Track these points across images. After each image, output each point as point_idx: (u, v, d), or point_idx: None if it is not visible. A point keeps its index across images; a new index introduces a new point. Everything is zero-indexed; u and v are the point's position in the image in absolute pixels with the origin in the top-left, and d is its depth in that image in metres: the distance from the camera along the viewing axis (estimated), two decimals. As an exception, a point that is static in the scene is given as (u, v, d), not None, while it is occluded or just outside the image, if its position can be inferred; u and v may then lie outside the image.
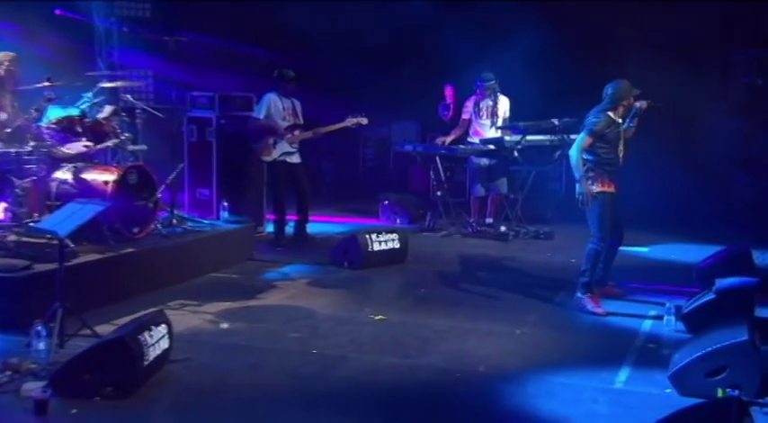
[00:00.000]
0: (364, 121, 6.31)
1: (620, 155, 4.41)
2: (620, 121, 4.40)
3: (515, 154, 6.61)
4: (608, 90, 4.36)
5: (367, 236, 5.50)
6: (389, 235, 5.60)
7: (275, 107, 6.17)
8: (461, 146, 6.99)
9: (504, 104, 6.95)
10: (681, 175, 8.00)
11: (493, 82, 6.86)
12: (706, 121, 8.38)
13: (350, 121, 6.24)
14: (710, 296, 3.95)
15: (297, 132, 6.28)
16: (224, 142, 6.39)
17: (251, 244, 5.76)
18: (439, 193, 7.09)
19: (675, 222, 7.27)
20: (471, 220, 7.04)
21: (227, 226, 5.62)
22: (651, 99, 4.53)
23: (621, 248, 4.75)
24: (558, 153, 6.58)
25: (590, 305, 4.35)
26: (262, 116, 6.16)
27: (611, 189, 4.38)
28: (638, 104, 4.47)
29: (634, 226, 7.03)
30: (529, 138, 6.59)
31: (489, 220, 7.04)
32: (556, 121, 6.51)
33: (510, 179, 6.95)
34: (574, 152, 4.30)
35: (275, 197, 6.26)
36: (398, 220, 7.60)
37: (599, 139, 4.31)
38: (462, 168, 7.91)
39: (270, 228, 6.52)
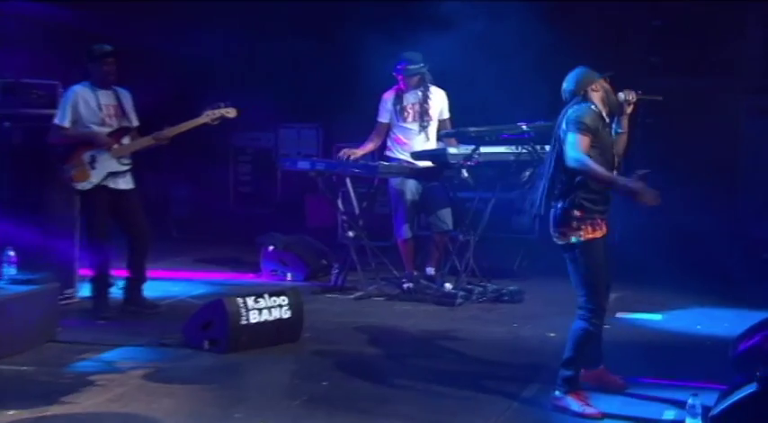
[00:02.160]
0: (231, 113, 6.27)
1: (614, 174, 4.47)
2: (608, 119, 4.55)
3: (464, 174, 6.70)
4: (567, 85, 4.47)
5: (240, 301, 5.38)
6: (275, 299, 5.51)
7: (86, 106, 6.04)
8: (382, 162, 7.05)
9: (438, 100, 7.09)
10: (701, 206, 8.42)
11: (421, 66, 6.99)
12: (741, 127, 8.98)
13: (208, 116, 6.20)
14: (752, 388, 3.94)
15: (126, 140, 6.14)
16: (11, 158, 6.18)
17: (53, 316, 5.58)
18: (351, 234, 7.10)
19: (698, 275, 7.57)
20: (402, 273, 7.10)
21: (13, 289, 5.42)
22: (644, 91, 4.70)
23: (625, 316, 4.82)
24: (527, 173, 6.73)
25: (575, 404, 4.32)
26: (66, 123, 6.01)
27: (604, 231, 4.39)
28: (622, 95, 4.63)
29: (640, 282, 7.37)
30: (484, 150, 6.71)
31: (430, 272, 7.09)
32: (524, 126, 6.66)
33: (457, 211, 7.05)
34: (575, 154, 4.26)
35: (94, 242, 6.09)
36: (289, 276, 7.61)
37: (592, 143, 4.36)
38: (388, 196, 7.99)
39: (85, 290, 6.36)
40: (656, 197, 4.19)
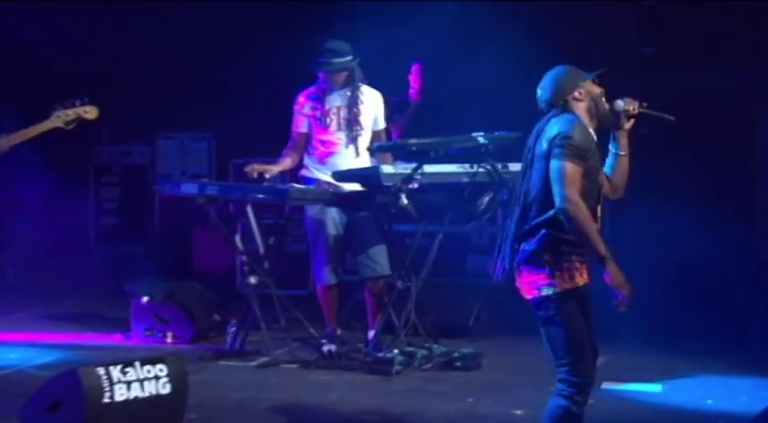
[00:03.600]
0: (91, 113, 6.30)
1: (598, 209, 4.45)
2: (596, 138, 4.56)
3: (403, 200, 6.71)
4: (543, 92, 4.47)
5: (101, 372, 5.28)
6: (150, 368, 5.42)
7: None
8: (294, 185, 7.04)
9: (372, 104, 7.15)
10: (711, 241, 8.59)
11: (349, 60, 7.04)
12: (759, 138, 9.25)
13: (60, 118, 6.21)
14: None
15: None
16: None
17: None
18: (253, 281, 7.06)
19: (708, 332, 7.66)
20: (322, 331, 7.10)
21: None
22: (649, 103, 4.72)
23: (614, 387, 4.86)
24: (486, 199, 6.78)
25: None
26: None
27: (586, 278, 4.34)
28: (620, 104, 4.61)
29: (633, 342, 7.40)
30: (429, 169, 6.75)
31: (371, 336, 7.10)
32: (481, 139, 6.73)
33: (394, 250, 7.08)
34: (569, 193, 4.22)
35: None
36: (170, 337, 7.57)
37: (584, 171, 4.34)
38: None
39: None
40: (628, 291, 4.27)
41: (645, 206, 8.92)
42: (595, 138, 4.44)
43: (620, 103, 4.50)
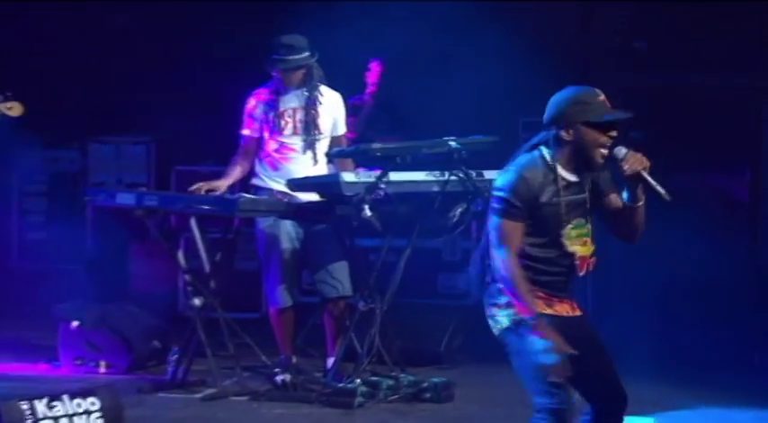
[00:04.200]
0: (14, 109, 6.38)
1: (575, 256, 4.51)
2: (577, 178, 4.51)
3: (366, 212, 6.71)
4: (547, 106, 4.50)
5: (24, 406, 5.27)
6: (80, 402, 5.42)
7: None
8: (244, 195, 7.03)
9: (331, 106, 7.18)
10: (709, 256, 8.68)
11: (307, 56, 7.05)
12: (763, 142, 9.36)
13: None
14: None
15: None
16: None
17: None
18: (198, 302, 7.05)
19: (705, 360, 7.73)
20: (276, 359, 7.11)
21: None
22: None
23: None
24: (458, 210, 6.80)
25: None
26: None
27: (557, 308, 4.51)
28: (621, 152, 4.53)
29: (623, 370, 7.43)
30: (396, 177, 6.77)
31: (330, 364, 7.11)
32: (453, 143, 6.75)
33: (357, 267, 7.10)
34: (500, 252, 4.41)
35: None
36: (104, 366, 7.55)
37: (527, 223, 4.45)
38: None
39: None
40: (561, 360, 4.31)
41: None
42: (574, 179, 4.48)
43: (620, 152, 4.45)
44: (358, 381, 6.74)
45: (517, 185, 4.40)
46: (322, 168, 7.11)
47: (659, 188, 4.44)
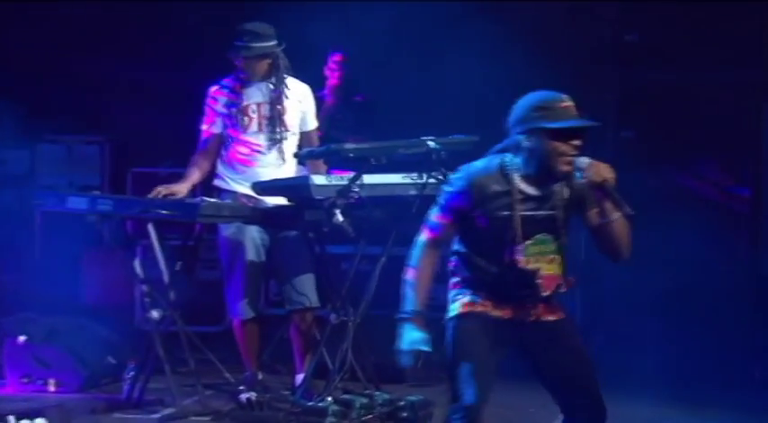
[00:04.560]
0: None
1: (537, 274, 4.58)
2: (538, 191, 4.54)
3: (338, 217, 6.69)
4: (512, 110, 4.61)
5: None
6: (26, 423, 5.37)
7: None
8: (206, 199, 6.97)
9: (299, 100, 7.18)
10: (708, 264, 8.71)
11: (273, 45, 7.02)
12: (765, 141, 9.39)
13: None
14: None
15: None
16: None
17: None
18: (156, 315, 7.01)
19: (703, 375, 7.82)
20: (240, 376, 7.10)
21: None
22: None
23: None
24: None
25: None
26: None
27: (503, 312, 4.63)
28: (583, 162, 4.46)
29: (614, 386, 7.40)
30: (370, 179, 6.75)
31: (299, 381, 7.09)
32: (432, 143, 6.72)
33: (327, 277, 7.10)
34: (419, 238, 4.69)
35: None
36: (53, 384, 7.51)
37: (463, 229, 4.62)
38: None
39: None
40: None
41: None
42: (531, 193, 4.53)
43: (582, 163, 4.48)
44: (329, 399, 6.69)
45: (463, 190, 4.56)
46: (290, 169, 7.08)
47: (621, 202, 4.48)
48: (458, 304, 4.69)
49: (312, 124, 7.21)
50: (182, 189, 6.99)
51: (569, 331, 4.70)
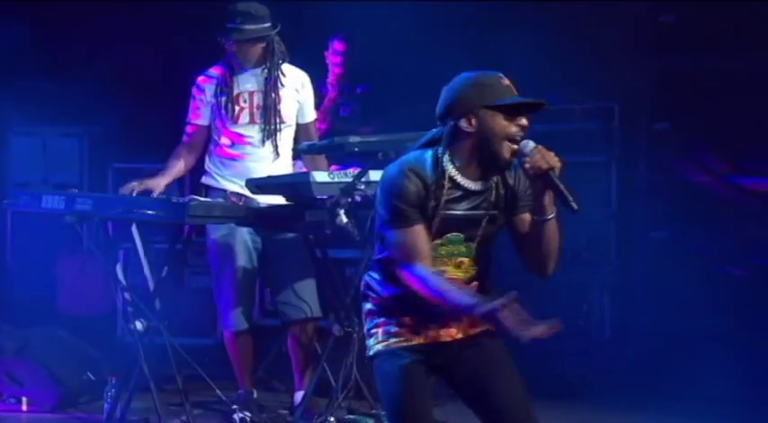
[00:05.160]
0: None
1: (468, 273, 4.50)
2: (480, 186, 4.41)
3: (342, 218, 6.69)
4: (440, 98, 4.50)
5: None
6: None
7: None
8: (195, 197, 6.93)
9: (297, 88, 7.20)
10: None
11: (267, 27, 7.02)
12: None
13: None
14: None
15: None
16: None
17: None
18: (140, 326, 6.98)
19: (721, 393, 7.71)
20: (234, 394, 7.12)
21: None
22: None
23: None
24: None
25: None
26: None
27: (415, 338, 4.53)
28: (528, 147, 4.31)
29: (646, 407, 7.66)
30: (377, 176, 6.67)
31: (298, 399, 7.11)
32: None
33: (330, 285, 7.14)
34: (405, 258, 4.40)
35: None
36: (26, 403, 7.56)
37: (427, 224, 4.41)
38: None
39: None
40: (528, 328, 4.20)
41: (664, 228, 8.99)
42: (471, 186, 4.41)
43: (526, 146, 4.34)
44: (332, 419, 6.73)
45: (403, 186, 4.37)
46: (286, 165, 7.12)
47: (567, 195, 4.30)
48: (372, 341, 4.60)
49: (310, 116, 7.23)
50: (159, 184, 7.00)
51: (497, 346, 4.58)
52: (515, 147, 4.31)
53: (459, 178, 4.38)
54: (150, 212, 6.82)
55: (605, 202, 9.26)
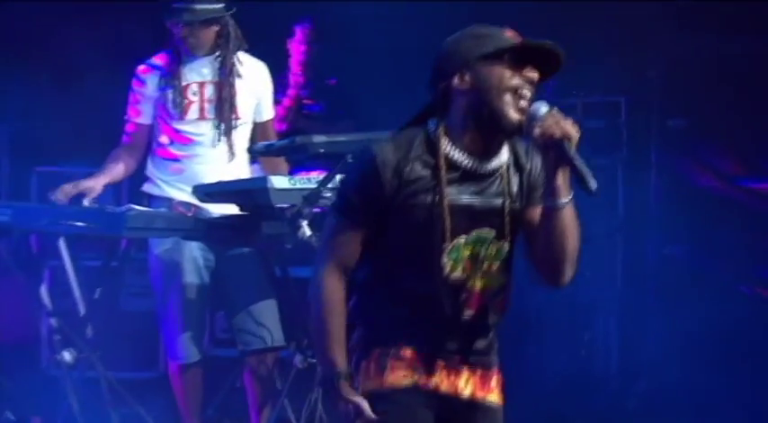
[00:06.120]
0: None
1: (465, 287, 4.26)
2: (476, 162, 4.17)
3: (305, 231, 6.69)
4: (432, 66, 4.28)
5: None
6: None
7: None
8: (133, 206, 6.93)
9: (255, 81, 7.24)
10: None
11: (221, 8, 7.02)
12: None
13: None
14: None
15: None
16: None
17: None
18: (68, 357, 7.05)
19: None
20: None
21: None
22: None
23: None
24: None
25: None
26: None
27: (414, 377, 4.26)
28: (541, 110, 4.08)
29: None
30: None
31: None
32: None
33: (290, 307, 7.16)
34: (318, 264, 4.23)
35: None
36: None
37: (370, 240, 4.19)
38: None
39: None
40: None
41: (679, 242, 9.03)
42: (473, 165, 4.18)
43: (539, 110, 4.10)
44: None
45: (366, 173, 4.16)
46: (241, 169, 7.13)
47: (583, 170, 4.04)
48: (362, 375, 4.24)
49: (268, 114, 7.26)
50: (97, 184, 7.00)
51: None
52: (523, 104, 4.08)
53: (457, 154, 4.15)
54: (81, 224, 6.83)
55: (611, 213, 9.18)
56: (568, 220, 4.13)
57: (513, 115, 4.05)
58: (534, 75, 4.10)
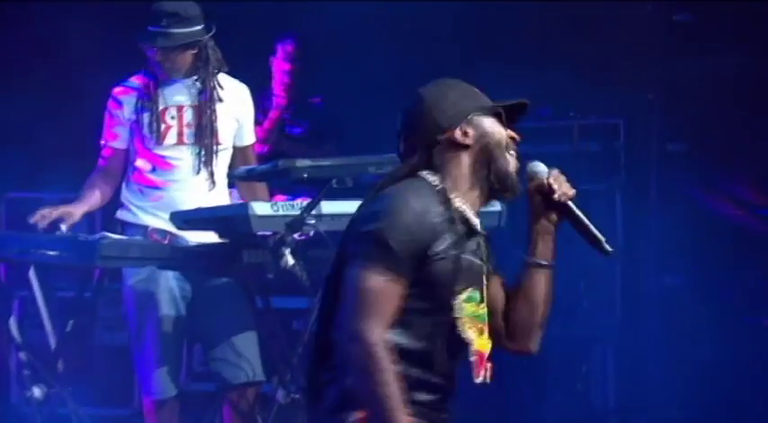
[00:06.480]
0: None
1: (470, 349, 4.15)
2: (476, 221, 4.14)
3: (288, 260, 6.74)
4: (405, 119, 4.22)
5: None
6: None
7: None
8: (107, 235, 6.95)
9: (235, 104, 7.23)
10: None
11: (200, 29, 7.01)
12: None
13: None
14: None
15: None
16: None
17: None
18: (38, 393, 7.03)
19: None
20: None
21: None
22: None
23: None
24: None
25: None
26: None
27: None
28: (540, 169, 4.17)
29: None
30: (330, 208, 6.78)
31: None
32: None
33: (271, 340, 7.16)
34: (357, 324, 3.92)
35: None
36: None
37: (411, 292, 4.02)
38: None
39: None
40: None
41: (680, 271, 9.05)
42: (477, 223, 4.15)
43: (538, 169, 4.17)
44: None
45: (406, 219, 3.96)
46: (221, 195, 7.14)
47: (596, 232, 4.15)
48: None
49: (250, 138, 7.25)
50: (76, 211, 6.97)
51: None
52: (515, 161, 4.11)
53: (468, 212, 4.10)
54: (52, 253, 6.82)
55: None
56: (551, 283, 4.20)
57: (513, 171, 4.10)
58: (514, 135, 4.15)
